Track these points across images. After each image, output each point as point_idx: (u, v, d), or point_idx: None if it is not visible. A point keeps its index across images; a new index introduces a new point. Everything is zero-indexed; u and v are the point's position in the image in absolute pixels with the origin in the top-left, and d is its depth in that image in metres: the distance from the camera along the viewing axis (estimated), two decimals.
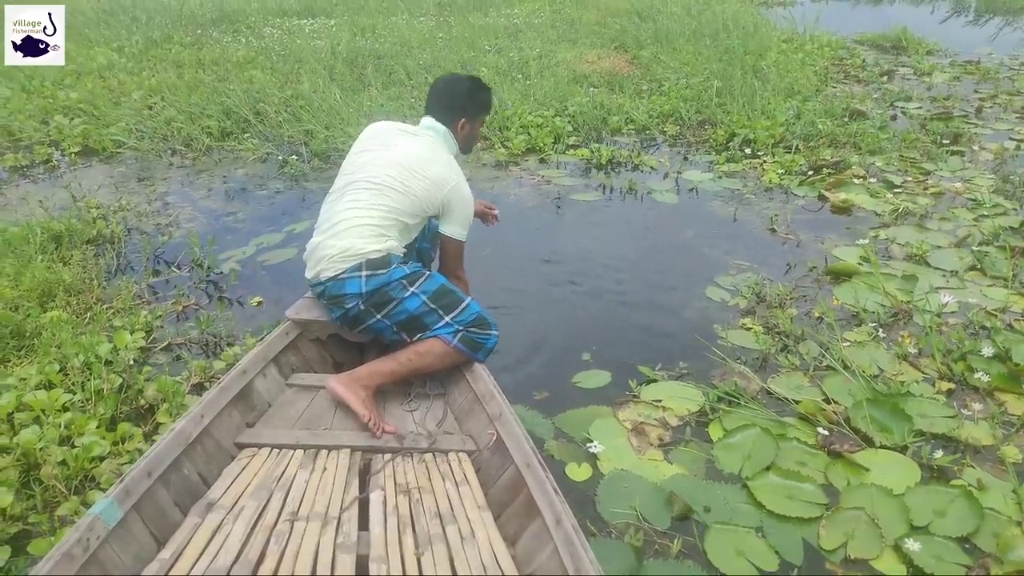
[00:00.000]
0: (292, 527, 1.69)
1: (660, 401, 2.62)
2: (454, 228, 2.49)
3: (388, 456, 2.07)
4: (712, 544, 2.01)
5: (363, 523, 1.76)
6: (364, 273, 2.27)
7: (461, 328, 2.31)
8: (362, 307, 2.31)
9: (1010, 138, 5.44)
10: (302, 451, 2.04)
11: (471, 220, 2.54)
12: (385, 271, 2.29)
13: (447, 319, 2.31)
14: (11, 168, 5.21)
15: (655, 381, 2.74)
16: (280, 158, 5.32)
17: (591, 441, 2.42)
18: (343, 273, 2.29)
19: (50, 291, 3.23)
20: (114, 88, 6.82)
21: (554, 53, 7.86)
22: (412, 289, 2.30)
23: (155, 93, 6.59)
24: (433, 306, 2.31)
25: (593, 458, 2.36)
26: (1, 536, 1.98)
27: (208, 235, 3.90)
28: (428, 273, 2.39)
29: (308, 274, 2.43)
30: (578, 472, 2.30)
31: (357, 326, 2.41)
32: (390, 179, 2.35)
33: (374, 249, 2.29)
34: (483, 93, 2.61)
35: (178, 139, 5.70)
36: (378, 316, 2.32)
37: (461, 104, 2.53)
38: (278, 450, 2.05)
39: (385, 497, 1.86)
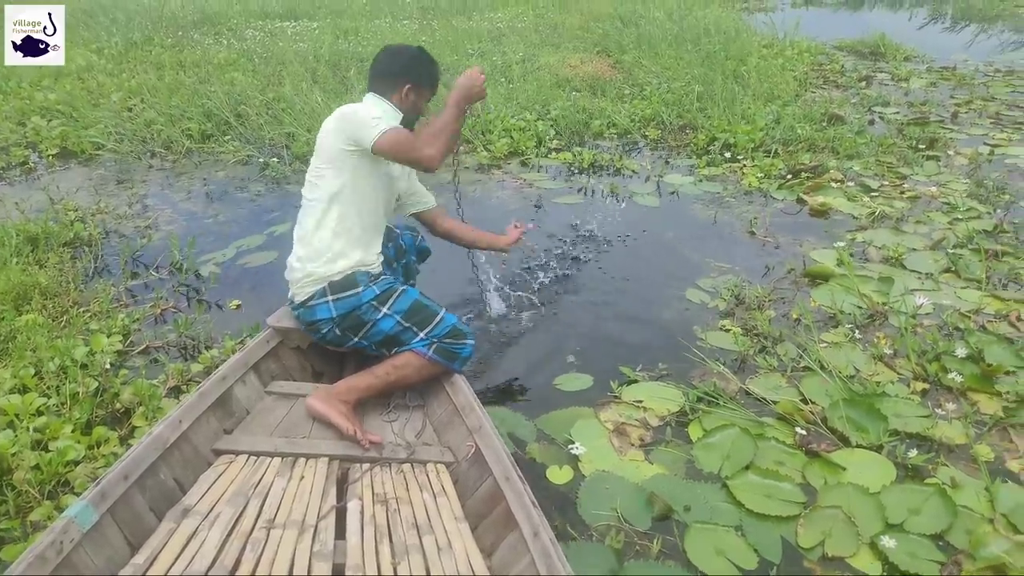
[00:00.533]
0: (268, 535, 1.68)
1: (641, 402, 2.64)
2: (370, 130, 2.16)
3: (366, 466, 2.06)
4: (692, 544, 2.02)
5: (340, 532, 1.76)
6: (330, 298, 2.26)
7: (435, 340, 2.30)
8: (338, 332, 2.30)
9: (984, 143, 5.52)
10: (280, 459, 2.03)
11: (384, 110, 2.31)
12: (353, 293, 2.26)
13: (422, 335, 2.29)
14: None
15: (636, 382, 2.76)
16: (261, 160, 5.30)
17: (573, 443, 2.43)
18: (311, 299, 2.28)
19: (25, 294, 3.20)
20: (93, 90, 6.77)
21: (537, 57, 7.89)
22: (384, 310, 2.28)
23: (135, 95, 6.55)
24: (407, 324, 2.28)
25: (575, 460, 2.37)
26: None
27: (188, 237, 3.87)
28: (400, 290, 2.34)
29: (289, 293, 2.42)
30: (559, 475, 2.31)
31: (338, 346, 2.40)
32: (318, 181, 2.27)
33: (336, 271, 2.26)
34: (430, 64, 2.43)
35: (158, 141, 5.66)
36: (355, 338, 2.32)
37: (404, 69, 2.36)
38: (256, 457, 2.03)
39: (363, 506, 1.85)
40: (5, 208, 4.22)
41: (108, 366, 2.73)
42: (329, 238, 2.26)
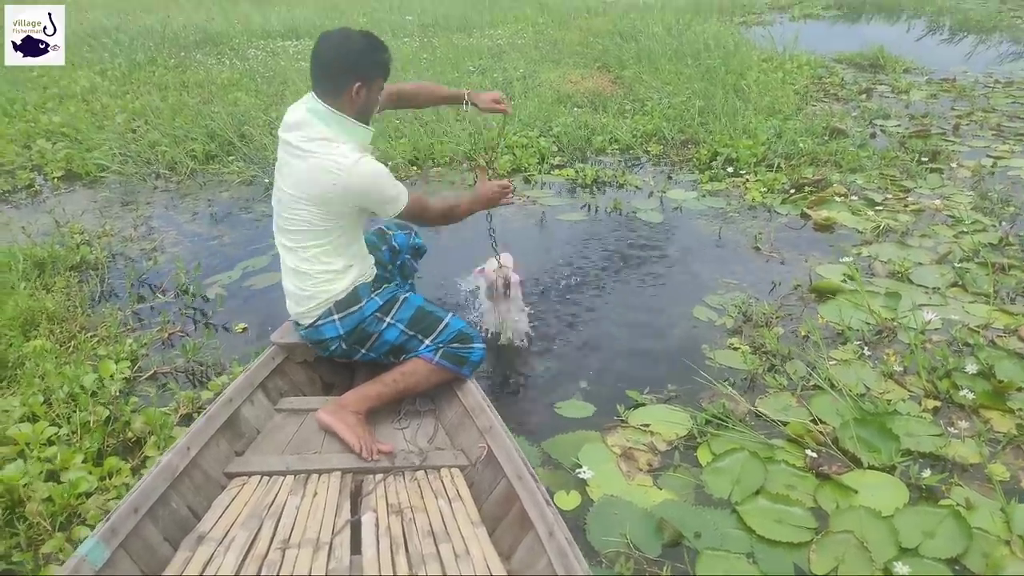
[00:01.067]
0: (284, 555, 1.68)
1: (648, 426, 2.62)
2: (390, 205, 2.19)
3: (380, 476, 2.06)
4: (704, 571, 2.00)
5: (355, 546, 1.75)
6: (336, 316, 2.26)
7: (442, 345, 2.29)
8: (345, 346, 2.31)
9: (987, 155, 5.52)
10: (292, 477, 2.02)
11: (395, 182, 2.20)
12: (357, 308, 2.27)
13: (427, 341, 2.29)
14: None
15: (643, 405, 2.75)
16: (266, 181, 5.31)
17: (580, 467, 2.41)
18: (318, 321, 2.28)
19: (33, 319, 3.20)
20: (97, 111, 6.80)
21: (538, 73, 7.92)
22: (388, 320, 2.29)
23: (139, 116, 6.57)
24: (412, 332, 2.29)
25: (582, 484, 2.35)
26: None
27: (193, 260, 3.88)
28: (403, 298, 2.35)
29: (290, 314, 2.41)
30: (567, 500, 2.29)
31: (347, 359, 2.41)
32: (311, 220, 2.17)
33: (340, 289, 2.25)
34: (380, 52, 2.19)
35: (162, 162, 5.68)
36: (363, 350, 2.33)
37: (354, 65, 2.12)
38: (268, 477, 2.03)
39: (377, 518, 1.85)
40: (11, 232, 4.23)
41: (117, 393, 2.73)
42: (329, 264, 2.23)
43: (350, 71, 2.12)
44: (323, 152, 2.07)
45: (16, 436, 2.39)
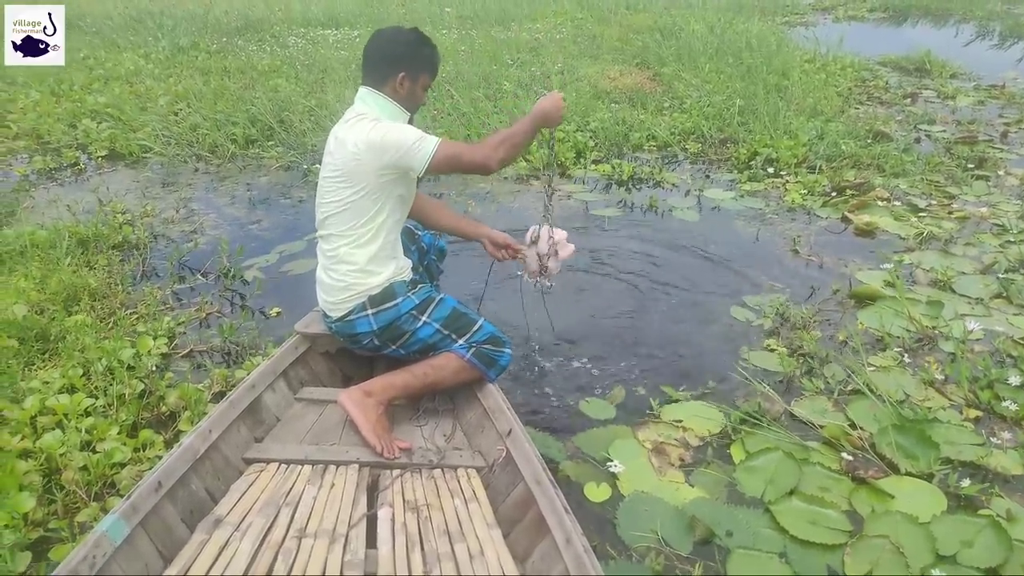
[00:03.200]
0: (299, 544, 1.68)
1: (680, 421, 2.60)
2: (419, 152, 2.12)
3: (397, 472, 2.06)
4: (735, 570, 1.98)
5: (371, 540, 1.75)
6: (370, 311, 2.25)
7: (475, 345, 2.29)
8: (377, 342, 2.31)
9: None
10: (310, 466, 2.03)
11: (420, 131, 2.18)
12: (392, 304, 2.26)
13: (461, 341, 2.28)
14: (39, 171, 5.29)
15: (676, 401, 2.72)
16: (304, 167, 5.36)
17: (611, 460, 2.40)
18: (350, 314, 2.27)
19: (75, 295, 3.27)
20: (141, 93, 6.92)
21: (576, 68, 7.88)
22: (424, 318, 2.28)
23: (181, 99, 6.68)
24: (447, 332, 2.28)
25: (612, 478, 2.34)
26: (22, 541, 1.98)
27: (233, 243, 3.92)
28: (439, 298, 2.34)
29: (320, 304, 2.40)
30: (597, 492, 2.29)
31: (374, 353, 2.41)
32: (347, 202, 2.20)
33: (376, 284, 2.25)
34: (427, 48, 2.28)
35: (203, 145, 5.76)
36: (393, 347, 2.32)
37: (399, 56, 2.22)
38: (286, 465, 2.03)
39: (393, 514, 1.85)
40: (57, 209, 4.33)
41: (154, 368, 2.77)
42: (365, 254, 2.23)
43: (396, 62, 2.22)
44: (352, 124, 2.18)
45: (55, 407, 2.45)
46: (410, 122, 2.31)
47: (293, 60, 8.26)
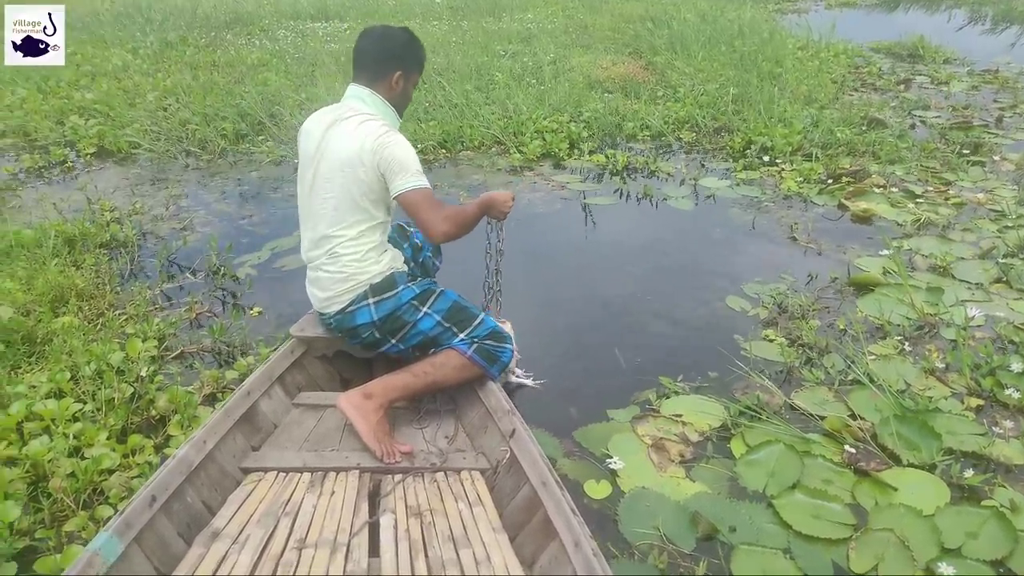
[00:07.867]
0: (300, 555, 1.64)
1: (680, 416, 2.57)
2: (409, 179, 2.14)
3: (398, 476, 2.01)
4: (739, 567, 1.95)
5: (373, 548, 1.71)
6: (371, 300, 2.22)
7: (476, 340, 2.25)
8: (377, 335, 2.27)
9: None
10: (309, 474, 1.98)
11: (418, 163, 2.19)
12: (393, 293, 2.23)
13: (462, 335, 2.25)
14: (27, 169, 5.20)
15: (675, 394, 2.69)
16: (295, 162, 5.28)
17: (610, 457, 2.36)
18: (350, 305, 2.23)
19: (62, 296, 3.20)
20: (129, 89, 6.83)
21: (568, 58, 7.82)
22: (424, 309, 2.24)
23: (170, 95, 6.60)
24: (448, 325, 2.25)
25: (612, 475, 2.30)
26: (7, 551, 1.92)
27: (223, 240, 3.86)
28: (439, 291, 2.31)
29: (315, 305, 2.36)
30: (597, 489, 2.25)
31: (373, 350, 2.37)
32: (349, 192, 2.19)
33: (377, 272, 2.22)
34: (419, 47, 2.36)
35: (193, 141, 5.68)
36: (393, 341, 2.28)
37: (394, 57, 2.26)
38: (284, 474, 1.99)
39: (396, 520, 1.80)
40: (43, 208, 4.26)
41: (143, 372, 2.71)
42: (366, 244, 2.22)
43: (393, 60, 2.26)
44: (360, 121, 2.18)
45: (42, 412, 2.38)
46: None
47: (283, 54, 8.18)
